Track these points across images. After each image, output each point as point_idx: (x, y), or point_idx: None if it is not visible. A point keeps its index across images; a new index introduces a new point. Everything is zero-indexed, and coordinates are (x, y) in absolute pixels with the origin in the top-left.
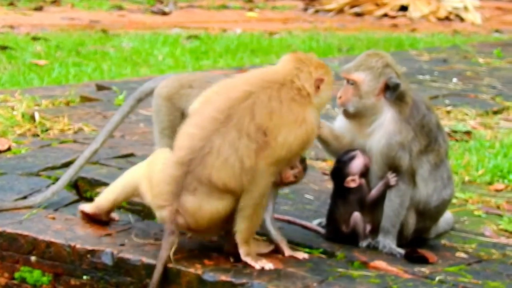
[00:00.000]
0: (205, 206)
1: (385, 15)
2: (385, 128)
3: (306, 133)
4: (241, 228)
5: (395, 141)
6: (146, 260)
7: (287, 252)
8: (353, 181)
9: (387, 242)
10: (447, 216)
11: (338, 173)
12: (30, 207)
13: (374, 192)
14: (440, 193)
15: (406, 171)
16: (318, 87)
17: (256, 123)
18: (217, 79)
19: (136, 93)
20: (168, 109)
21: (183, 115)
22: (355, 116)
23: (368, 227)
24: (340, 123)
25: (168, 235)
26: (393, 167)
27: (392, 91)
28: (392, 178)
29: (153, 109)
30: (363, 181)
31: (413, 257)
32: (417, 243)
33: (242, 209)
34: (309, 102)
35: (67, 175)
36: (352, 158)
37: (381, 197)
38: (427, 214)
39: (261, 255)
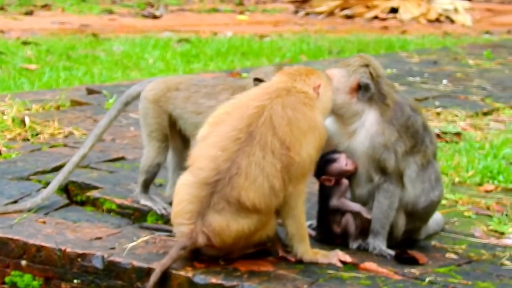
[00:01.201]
0: (233, 225)
1: (376, 17)
2: (367, 130)
3: (320, 139)
4: (293, 232)
5: (378, 142)
6: (136, 263)
7: (281, 252)
8: (328, 180)
9: (377, 243)
10: (437, 217)
11: (317, 170)
12: (21, 211)
13: (348, 204)
14: (428, 195)
15: (393, 172)
16: (317, 93)
17: (278, 137)
18: (204, 82)
19: (123, 97)
20: (155, 112)
21: (170, 118)
22: (332, 113)
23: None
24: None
25: (179, 248)
26: (379, 169)
27: (364, 91)
28: (365, 211)
29: (140, 113)
30: (345, 181)
31: (403, 258)
32: (407, 244)
33: (287, 220)
34: (316, 105)
35: (56, 181)
36: (332, 160)
37: (369, 199)
38: (416, 215)
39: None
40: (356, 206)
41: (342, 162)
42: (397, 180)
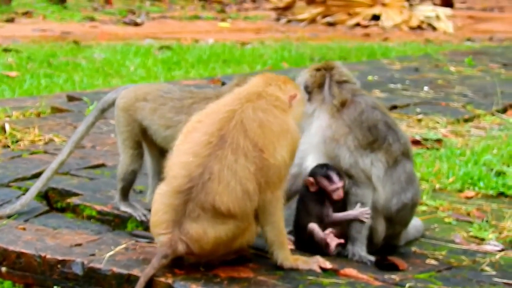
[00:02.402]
0: (210, 232)
1: (358, 24)
2: (316, 125)
3: (293, 143)
4: (272, 238)
5: (327, 136)
6: (116, 270)
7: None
8: (311, 185)
9: (356, 250)
10: (417, 223)
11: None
12: (0, 218)
13: (340, 216)
14: (400, 196)
15: (356, 174)
16: (291, 103)
17: (250, 139)
18: (170, 94)
19: (100, 104)
20: (126, 120)
21: (141, 127)
22: None
23: (336, 241)
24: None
25: (161, 257)
26: (343, 171)
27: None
28: (364, 213)
29: (114, 120)
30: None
31: (383, 265)
32: (387, 250)
33: (266, 227)
34: (288, 110)
35: (35, 188)
36: (328, 177)
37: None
38: (393, 219)
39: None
40: (353, 212)
41: (333, 186)
42: (365, 183)
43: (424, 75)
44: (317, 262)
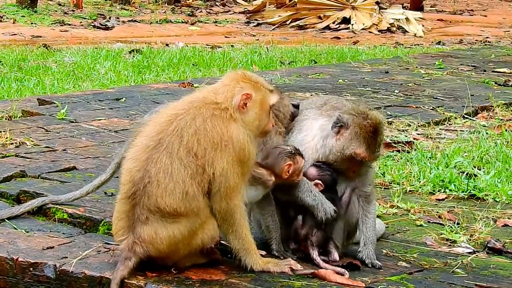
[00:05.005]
0: (161, 232)
1: (328, 27)
2: None
3: (238, 152)
4: (237, 246)
5: None
6: (88, 272)
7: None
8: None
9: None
10: (380, 226)
11: None
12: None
13: None
14: None
15: None
16: (244, 104)
17: (184, 145)
18: None
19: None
20: None
21: None
22: None
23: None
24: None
25: (124, 259)
26: None
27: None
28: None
29: None
30: None
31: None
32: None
33: (228, 236)
34: (231, 117)
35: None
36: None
37: None
38: None
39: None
40: None
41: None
42: None
43: (395, 78)
44: (289, 264)
